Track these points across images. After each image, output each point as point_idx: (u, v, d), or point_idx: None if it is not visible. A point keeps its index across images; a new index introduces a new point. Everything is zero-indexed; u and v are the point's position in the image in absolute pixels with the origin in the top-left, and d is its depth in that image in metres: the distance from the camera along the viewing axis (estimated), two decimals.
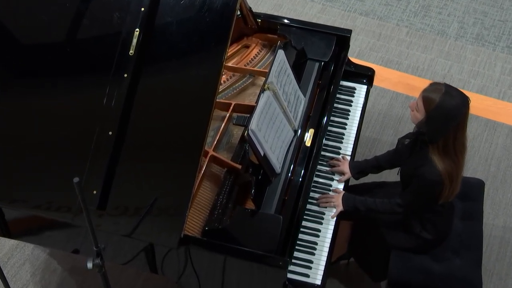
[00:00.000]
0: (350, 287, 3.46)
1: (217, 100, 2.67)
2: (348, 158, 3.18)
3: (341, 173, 3.12)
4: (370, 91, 3.51)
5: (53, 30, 2.79)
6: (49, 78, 2.78)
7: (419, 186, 2.76)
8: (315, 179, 3.06)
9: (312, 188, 3.02)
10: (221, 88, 3.19)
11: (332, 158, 3.16)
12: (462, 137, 2.68)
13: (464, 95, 2.65)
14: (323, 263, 2.82)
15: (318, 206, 2.99)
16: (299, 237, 2.85)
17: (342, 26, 3.60)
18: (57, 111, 2.74)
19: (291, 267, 2.76)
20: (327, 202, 2.98)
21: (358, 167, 3.13)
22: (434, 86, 2.68)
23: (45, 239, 2.95)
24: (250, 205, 2.84)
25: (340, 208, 2.96)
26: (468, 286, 2.94)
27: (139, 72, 2.69)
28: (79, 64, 2.76)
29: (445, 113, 2.62)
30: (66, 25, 2.78)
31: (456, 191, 2.81)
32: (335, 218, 2.96)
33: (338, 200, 2.97)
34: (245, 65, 3.33)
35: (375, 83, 3.57)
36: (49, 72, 2.78)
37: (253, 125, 2.71)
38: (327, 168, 3.14)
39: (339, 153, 3.20)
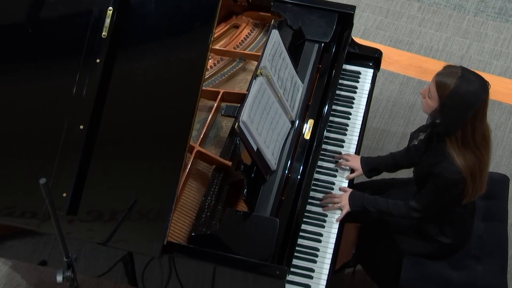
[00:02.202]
0: None
1: (203, 88, 2.69)
2: (356, 154, 3.20)
3: (351, 169, 3.15)
4: (377, 75, 3.55)
5: (11, 8, 2.80)
6: (7, 64, 2.80)
7: (437, 186, 2.78)
8: (316, 176, 3.09)
9: (313, 187, 3.05)
10: (207, 74, 3.22)
11: (335, 153, 3.18)
12: (481, 128, 2.71)
13: (483, 79, 2.69)
14: (326, 271, 2.86)
15: (322, 208, 3.02)
16: (298, 242, 2.89)
17: (344, 2, 3.63)
18: (18, 103, 2.76)
19: (290, 277, 2.80)
20: (332, 203, 3.01)
21: (371, 164, 3.15)
22: (448, 69, 2.72)
23: (7, 250, 2.97)
24: (242, 206, 2.87)
25: (347, 209, 2.98)
26: None
27: (114, 57, 2.71)
28: (43, 48, 2.78)
29: (461, 100, 2.65)
30: (28, 3, 2.80)
31: (481, 191, 2.83)
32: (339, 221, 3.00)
33: (344, 200, 3.00)
34: (234, 48, 3.36)
35: (382, 66, 3.61)
36: (7, 58, 2.80)
37: (244, 116, 2.74)
38: (329, 164, 3.17)
39: (342, 146, 3.23)
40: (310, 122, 3.10)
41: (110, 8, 2.72)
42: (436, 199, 2.84)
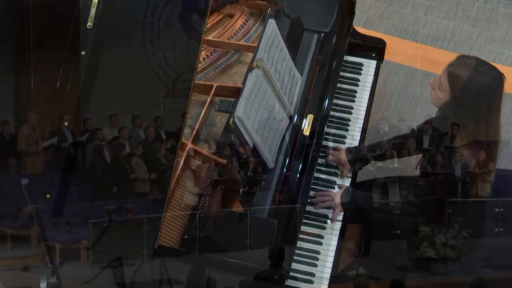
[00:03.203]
0: None
1: (195, 81, 2.70)
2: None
3: (341, 165, 3.15)
4: (381, 67, 3.56)
5: None
6: None
7: (443, 185, 2.80)
8: (316, 175, 3.10)
9: (313, 186, 3.05)
10: (200, 67, 3.22)
11: (336, 150, 3.20)
12: (495, 123, 2.72)
13: (498, 71, 2.70)
14: (327, 275, 2.86)
15: (313, 206, 3.01)
16: (298, 245, 2.89)
17: None
18: None
19: (289, 282, 2.80)
20: (323, 202, 3.02)
21: (354, 153, 3.13)
22: (462, 60, 2.73)
23: None
24: (238, 207, 2.88)
25: (339, 208, 2.99)
26: None
27: (100, 49, 2.72)
28: (24, 40, 2.78)
29: (474, 93, 2.66)
30: None
31: (487, 190, 2.86)
32: (340, 222, 3.00)
33: (336, 198, 3.00)
34: (228, 39, 3.36)
35: (386, 57, 3.61)
36: None
37: (239, 111, 2.75)
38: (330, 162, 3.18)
39: (344, 143, 3.24)
40: (310, 117, 3.11)
41: None
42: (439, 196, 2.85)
